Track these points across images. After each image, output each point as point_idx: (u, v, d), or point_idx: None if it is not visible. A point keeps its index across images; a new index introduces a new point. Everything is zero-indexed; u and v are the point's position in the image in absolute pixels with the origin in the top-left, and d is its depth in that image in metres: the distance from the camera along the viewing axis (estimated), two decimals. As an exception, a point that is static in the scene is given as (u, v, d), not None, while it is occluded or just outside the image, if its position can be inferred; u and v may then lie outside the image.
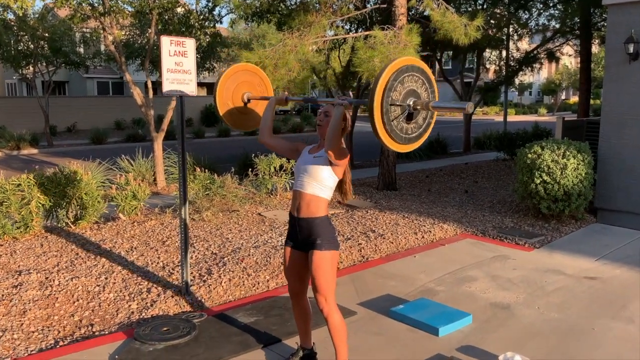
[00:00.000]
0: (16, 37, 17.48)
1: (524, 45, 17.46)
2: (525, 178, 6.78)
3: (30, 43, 17.73)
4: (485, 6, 13.34)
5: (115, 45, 9.74)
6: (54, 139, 19.39)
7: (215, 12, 18.66)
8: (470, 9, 12.89)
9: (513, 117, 33.84)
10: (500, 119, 27.03)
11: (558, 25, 14.76)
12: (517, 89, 42.96)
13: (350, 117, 3.10)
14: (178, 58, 4.16)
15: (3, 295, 4.41)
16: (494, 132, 14.50)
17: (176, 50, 4.14)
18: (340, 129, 2.87)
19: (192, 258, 5.38)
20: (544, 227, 6.67)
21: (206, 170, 8.12)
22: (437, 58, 15.53)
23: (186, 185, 4.31)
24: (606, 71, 6.86)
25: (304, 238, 3.04)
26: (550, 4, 14.45)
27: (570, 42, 16.16)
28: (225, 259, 5.37)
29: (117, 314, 4.14)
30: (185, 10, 10.63)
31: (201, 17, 10.53)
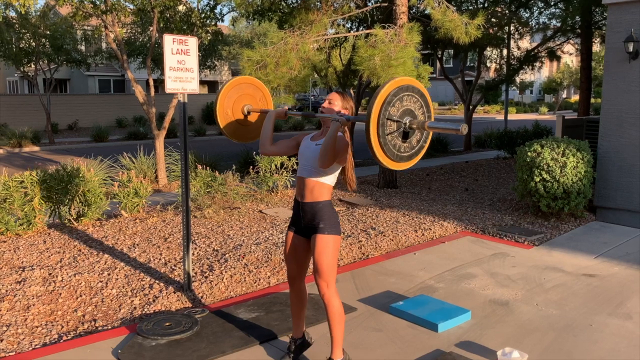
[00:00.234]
0: (18, 35, 17.54)
1: (525, 44, 17.48)
2: (525, 176, 6.82)
3: (31, 41, 17.78)
4: (486, 5, 13.36)
5: (117, 43, 9.78)
6: (55, 137, 19.46)
7: (217, 10, 18.71)
8: (471, 7, 12.92)
9: (514, 116, 33.86)
10: (501, 117, 27.06)
11: (559, 24, 14.78)
12: (518, 87, 42.99)
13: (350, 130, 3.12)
14: (180, 56, 4.20)
15: (7, 290, 4.46)
16: (495, 131, 14.54)
17: (179, 49, 4.18)
18: (333, 146, 2.88)
19: (194, 255, 5.43)
20: (544, 225, 6.71)
21: (207, 167, 8.17)
22: (438, 56, 15.56)
23: (188, 181, 4.35)
24: (606, 70, 6.89)
25: (307, 222, 3.10)
26: (552, 3, 14.47)
27: (572, 41, 16.19)
28: (226, 255, 5.42)
29: (120, 310, 4.19)
30: (186, 8, 10.66)
31: (202, 15, 10.56)
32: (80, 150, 15.92)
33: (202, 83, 33.75)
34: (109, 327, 3.91)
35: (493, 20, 13.48)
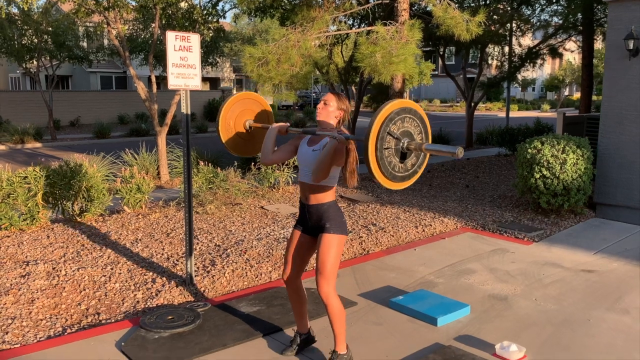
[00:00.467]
0: (20, 31, 17.57)
1: (527, 41, 17.48)
2: (525, 173, 6.85)
3: (34, 37, 17.81)
4: (487, 2, 13.36)
5: (119, 40, 9.82)
6: (57, 133, 19.52)
7: (219, 7, 18.72)
8: (472, 4, 12.92)
9: (516, 113, 33.82)
10: (503, 114, 27.04)
11: (561, 21, 14.78)
12: (520, 84, 42.89)
13: (353, 148, 3.10)
14: (183, 53, 4.24)
15: (12, 284, 4.51)
16: (496, 128, 14.55)
17: (181, 45, 4.22)
18: (329, 164, 2.94)
19: (196, 250, 5.47)
20: (544, 222, 6.74)
21: (209, 164, 8.21)
22: (440, 54, 15.58)
23: (190, 175, 4.40)
24: (606, 67, 6.92)
25: (314, 223, 3.16)
26: (554, 0, 14.47)
27: (573, 38, 16.18)
28: (228, 250, 5.47)
29: (123, 303, 4.24)
30: (188, 5, 10.69)
31: (204, 12, 10.59)
32: (82, 147, 15.97)
33: (204, 80, 33.77)
34: (113, 321, 3.96)
35: (495, 17, 13.49)
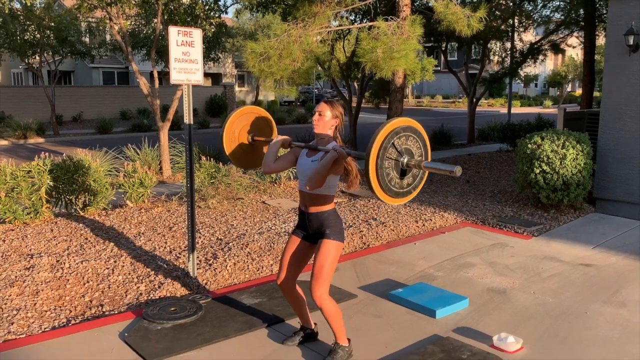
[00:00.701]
0: (22, 27, 17.61)
1: (529, 36, 17.46)
2: (525, 168, 6.89)
3: (36, 32, 17.85)
4: (489, -3, 13.35)
5: (122, 35, 9.86)
6: (60, 129, 19.58)
7: (221, 2, 18.73)
8: (474, 0, 12.92)
9: (518, 109, 33.79)
10: (505, 110, 26.99)
11: (563, 17, 14.76)
12: (523, 80, 42.81)
13: (350, 165, 3.17)
14: (185, 48, 4.28)
15: (16, 276, 4.57)
16: (498, 124, 14.56)
17: (183, 40, 4.26)
18: (325, 175, 2.99)
19: (198, 243, 5.53)
20: (543, 216, 6.78)
21: (211, 159, 8.27)
22: (442, 49, 15.58)
23: (193, 169, 4.44)
24: (606, 63, 6.94)
25: (314, 230, 3.23)
26: (555, -4, 14.46)
27: (576, 34, 16.16)
28: (230, 244, 5.52)
29: (126, 295, 4.30)
30: (190, 0, 10.71)
31: (206, 7, 10.61)
32: (84, 142, 16.03)
33: (206, 75, 33.80)
34: (116, 312, 4.02)
35: (497, 13, 13.49)
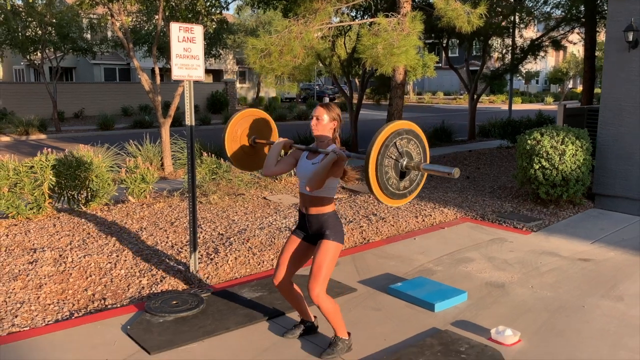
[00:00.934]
0: (24, 23, 17.65)
1: (530, 33, 17.45)
2: (524, 164, 6.92)
3: (38, 29, 17.89)
4: (490, -7, 13.34)
5: (123, 32, 9.89)
6: (61, 125, 19.63)
7: (222, -1, 18.71)
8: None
9: (519, 106, 33.77)
10: (506, 107, 27.01)
11: (564, 14, 14.76)
12: (524, 77, 42.76)
13: (348, 169, 3.24)
14: (187, 44, 4.31)
15: (20, 270, 4.63)
16: (498, 120, 14.59)
17: (185, 37, 4.30)
18: (324, 176, 3.03)
19: (200, 238, 5.58)
20: (542, 212, 6.82)
21: (213, 155, 8.30)
22: (443, 46, 15.59)
23: (194, 164, 4.49)
24: (606, 59, 6.96)
25: (314, 231, 3.26)
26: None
27: (577, 30, 16.15)
28: (231, 239, 5.57)
29: (129, 289, 4.35)
30: (192, -4, 10.74)
31: (208, 4, 10.64)
32: (86, 138, 16.07)
33: (207, 72, 33.82)
34: (118, 305, 4.07)
35: (498, 9, 13.48)
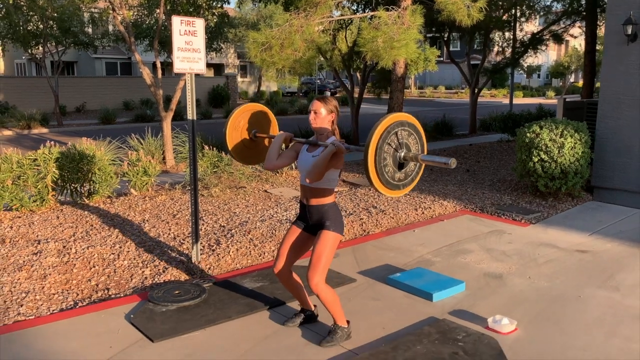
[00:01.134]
0: (26, 17, 17.67)
1: (531, 27, 17.43)
2: (523, 156, 6.96)
3: (39, 23, 17.91)
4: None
5: (125, 26, 9.92)
6: (63, 119, 19.69)
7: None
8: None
9: (521, 100, 33.74)
10: (508, 101, 27.01)
11: (565, 7, 14.74)
12: (525, 71, 42.71)
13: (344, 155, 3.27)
14: (188, 37, 4.36)
15: (24, 261, 4.70)
16: (499, 114, 14.62)
17: (186, 30, 4.34)
18: (324, 167, 3.09)
19: (202, 230, 5.64)
20: (541, 204, 6.87)
21: (214, 148, 8.36)
22: (444, 39, 15.59)
23: (196, 155, 4.54)
24: (605, 52, 6.99)
25: (314, 222, 3.33)
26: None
27: (579, 24, 16.13)
28: (232, 231, 5.63)
29: (132, 279, 4.42)
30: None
31: (209, -2, 10.67)
32: (88, 132, 16.11)
33: (208, 66, 33.82)
34: (122, 295, 4.14)
35: (499, 2, 13.48)
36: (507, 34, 16.16)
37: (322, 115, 3.25)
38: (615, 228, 5.91)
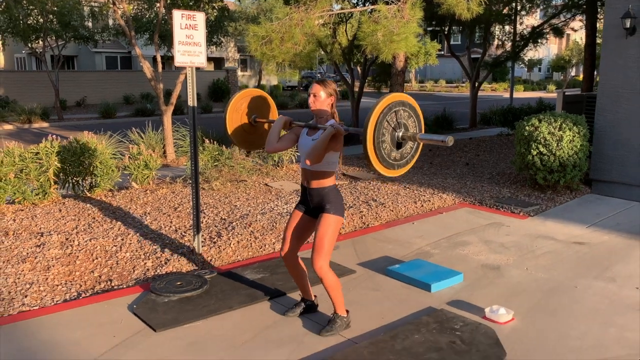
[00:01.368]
0: (26, 11, 17.67)
1: (532, 20, 17.41)
2: (522, 150, 7.00)
3: (39, 17, 17.90)
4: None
5: (125, 20, 9.93)
6: (64, 113, 19.71)
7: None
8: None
9: (521, 94, 33.70)
10: (508, 94, 27.00)
11: (565, 1, 14.72)
12: (526, 65, 42.66)
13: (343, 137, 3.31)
14: (189, 31, 4.39)
15: (28, 253, 4.75)
16: (499, 108, 14.64)
17: (187, 24, 4.37)
18: (323, 149, 3.13)
19: (203, 223, 5.69)
20: (540, 197, 6.92)
21: (215, 142, 8.39)
22: (445, 33, 15.58)
23: (197, 148, 4.59)
24: (604, 46, 7.01)
25: (315, 205, 3.38)
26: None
27: (579, 17, 16.12)
28: (233, 223, 5.68)
29: (134, 271, 4.47)
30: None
31: (209, -9, 10.66)
32: (88, 126, 16.16)
33: (209, 60, 33.79)
34: (124, 286, 4.20)
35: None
36: (508, 28, 16.16)
37: (322, 98, 3.29)
38: (612, 220, 5.96)
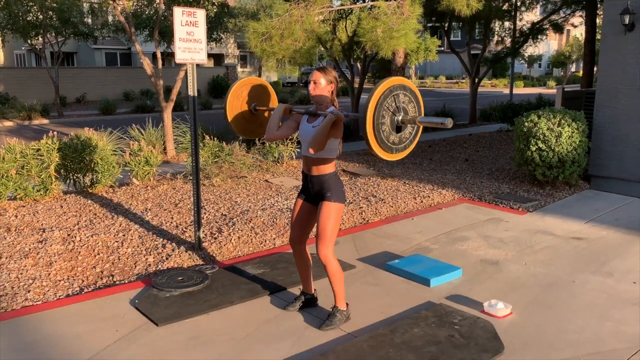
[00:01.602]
0: (25, 8, 17.65)
1: (532, 16, 17.41)
2: (521, 146, 7.03)
3: (39, 13, 17.89)
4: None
5: (125, 16, 9.94)
6: (64, 110, 19.72)
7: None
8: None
9: (521, 90, 33.70)
10: (508, 90, 27.00)
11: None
12: (526, 61, 42.58)
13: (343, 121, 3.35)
14: (189, 28, 4.41)
15: (30, 249, 4.79)
16: (499, 104, 14.66)
17: (187, 20, 4.40)
18: (324, 136, 3.16)
19: (204, 218, 5.72)
20: (539, 193, 6.95)
21: (215, 139, 8.42)
22: (445, 29, 15.58)
23: (197, 143, 4.61)
24: (602, 42, 7.03)
25: (316, 192, 3.41)
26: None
27: (580, 13, 16.12)
28: (234, 219, 5.72)
29: (135, 266, 4.51)
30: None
31: (209, -12, 10.67)
32: (88, 123, 16.13)
33: (208, 56, 33.74)
34: (126, 282, 4.23)
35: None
36: (507, 24, 16.15)
37: (322, 85, 3.32)
38: (611, 216, 5.99)
